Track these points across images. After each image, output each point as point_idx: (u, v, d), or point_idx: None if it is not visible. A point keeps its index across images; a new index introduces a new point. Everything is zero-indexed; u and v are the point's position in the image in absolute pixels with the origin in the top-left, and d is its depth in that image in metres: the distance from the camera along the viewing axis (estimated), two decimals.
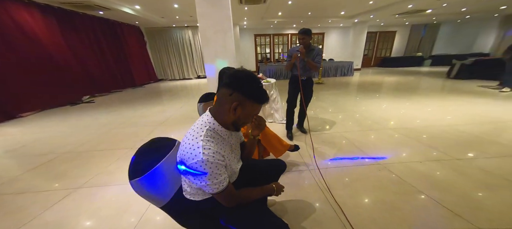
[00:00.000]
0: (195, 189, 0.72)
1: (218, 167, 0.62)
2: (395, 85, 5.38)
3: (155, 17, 6.56)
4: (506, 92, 3.91)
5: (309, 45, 2.04)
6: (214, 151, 0.62)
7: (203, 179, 0.62)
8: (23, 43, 3.78)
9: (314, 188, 1.46)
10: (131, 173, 0.67)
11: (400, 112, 3.08)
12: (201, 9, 2.43)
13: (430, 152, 1.86)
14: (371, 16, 7.23)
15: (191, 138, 0.64)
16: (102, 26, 5.90)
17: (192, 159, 0.60)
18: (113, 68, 6.25)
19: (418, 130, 2.37)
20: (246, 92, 0.64)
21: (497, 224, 1.06)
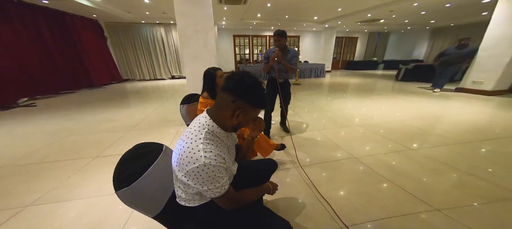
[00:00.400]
0: (191, 195, 0.69)
1: (220, 171, 0.61)
2: (358, 86, 6.07)
3: (120, 12, 5.84)
4: (436, 92, 4.82)
5: (285, 47, 2.06)
6: (215, 154, 0.60)
7: (204, 184, 0.59)
8: None
9: (302, 185, 1.54)
10: (116, 183, 0.62)
11: (362, 110, 3.49)
12: (180, 7, 2.28)
13: (389, 145, 2.17)
14: (339, 22, 8.00)
15: (189, 141, 0.61)
16: (47, 18, 4.94)
17: (193, 163, 0.57)
18: (61, 66, 5.31)
19: (378, 126, 2.73)
20: (250, 100, 0.65)
21: (447, 204, 1.30)
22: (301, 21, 8.12)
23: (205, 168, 0.57)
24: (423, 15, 6.83)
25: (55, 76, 5.13)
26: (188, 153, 0.58)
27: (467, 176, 1.58)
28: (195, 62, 2.50)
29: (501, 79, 4.00)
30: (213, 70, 1.49)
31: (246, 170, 0.97)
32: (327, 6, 5.72)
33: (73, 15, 5.70)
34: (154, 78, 8.36)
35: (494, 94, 4.15)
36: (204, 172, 0.58)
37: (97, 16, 6.35)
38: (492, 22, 3.98)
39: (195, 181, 0.59)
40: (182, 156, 0.59)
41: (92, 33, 6.45)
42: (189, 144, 0.60)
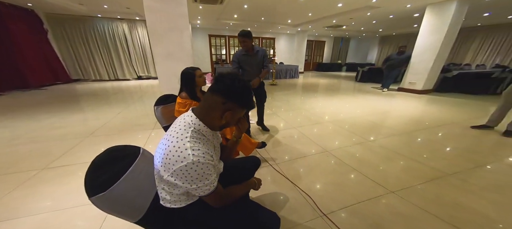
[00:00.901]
0: (177, 196, 0.68)
1: (208, 168, 0.61)
2: (326, 86, 6.69)
3: (68, 3, 4.97)
4: (385, 91, 5.73)
5: (253, 47, 2.04)
6: (203, 152, 0.60)
7: (194, 182, 0.59)
8: None
9: (283, 180, 1.64)
10: (89, 189, 0.58)
11: (331, 108, 3.89)
12: (149, 2, 2.09)
13: (353, 138, 2.49)
14: (309, 26, 8.63)
15: (175, 140, 0.60)
16: None
17: (180, 162, 0.57)
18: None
19: (343, 121, 3.09)
20: (240, 102, 0.68)
21: (399, 186, 1.57)
22: (276, 24, 8.42)
23: (194, 166, 0.57)
24: (374, 24, 7.99)
25: None
26: (175, 152, 0.57)
27: (410, 161, 1.95)
28: (169, 61, 2.34)
29: (428, 81, 5.03)
30: (192, 70, 1.44)
31: (232, 168, 1.00)
32: (299, 10, 6.10)
33: (2, 3, 4.56)
34: (115, 78, 7.38)
35: (423, 93, 5.19)
36: (193, 170, 0.57)
37: (33, 5, 5.24)
38: (420, 33, 4.98)
39: (183, 180, 0.58)
40: (168, 156, 0.58)
41: (26, 26, 5.29)
42: (175, 143, 0.59)
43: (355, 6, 5.32)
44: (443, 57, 4.86)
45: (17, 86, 5.07)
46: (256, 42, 10.93)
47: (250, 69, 2.08)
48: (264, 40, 11.10)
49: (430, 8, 4.70)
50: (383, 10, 5.58)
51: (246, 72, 2.11)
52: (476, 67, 6.82)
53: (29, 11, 5.45)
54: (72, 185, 1.56)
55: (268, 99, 4.46)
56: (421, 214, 1.29)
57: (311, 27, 8.71)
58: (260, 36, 10.82)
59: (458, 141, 2.39)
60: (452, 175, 1.70)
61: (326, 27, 8.70)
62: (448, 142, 2.37)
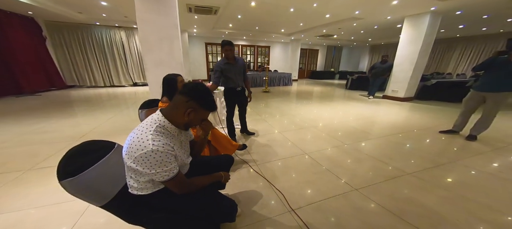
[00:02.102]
0: (143, 183, 0.77)
1: (167, 156, 0.71)
2: (318, 94, 6.94)
3: (67, 11, 5.17)
4: (370, 99, 5.99)
5: (234, 57, 2.17)
6: (163, 143, 0.71)
7: (153, 168, 0.69)
8: None
9: (260, 179, 1.77)
10: (61, 173, 0.65)
11: (318, 114, 4.08)
12: (142, 14, 2.28)
13: (332, 141, 2.65)
14: (302, 35, 9.00)
15: (139, 133, 0.71)
16: None
17: (141, 150, 0.67)
18: None
19: (327, 126, 3.27)
20: (201, 102, 0.80)
21: (362, 184, 1.73)
22: (270, 33, 8.78)
23: (153, 154, 0.67)
24: (362, 33, 8.39)
25: None
26: (138, 142, 0.68)
27: (378, 162, 2.12)
28: (159, 69, 2.50)
29: (409, 89, 5.32)
30: (174, 76, 1.57)
31: (206, 164, 1.15)
32: (290, 20, 6.44)
33: (3, 11, 4.74)
34: (110, 85, 7.50)
35: (406, 100, 5.46)
36: (152, 157, 0.67)
37: (33, 13, 5.42)
38: (400, 44, 5.31)
39: (144, 165, 0.68)
40: (131, 145, 0.69)
41: (25, 33, 5.45)
42: (139, 136, 0.70)
43: (341, 17, 5.66)
44: (421, 66, 5.16)
45: (11, 92, 5.15)
46: (251, 50, 11.28)
47: (233, 77, 2.23)
48: (259, 48, 11.45)
49: (408, 20, 5.05)
50: (367, 21, 5.93)
51: (230, 80, 2.23)
52: (456, 77, 7.18)
53: (29, 19, 5.62)
54: (54, 184, 1.65)
55: (260, 105, 4.76)
56: (376, 209, 1.44)
57: (304, 36, 9.10)
58: (255, 45, 11.17)
59: (425, 144, 2.58)
60: (411, 174, 1.87)
61: (318, 36, 9.10)
62: (416, 145, 2.56)
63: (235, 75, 2.23)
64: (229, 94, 2.34)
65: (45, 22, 6.08)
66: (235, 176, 1.81)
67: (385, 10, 4.79)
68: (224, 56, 2.17)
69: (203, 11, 4.72)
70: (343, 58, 14.32)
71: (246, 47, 11.07)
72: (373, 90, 6.09)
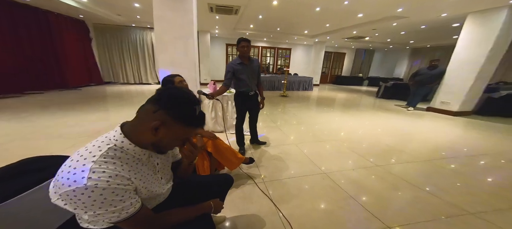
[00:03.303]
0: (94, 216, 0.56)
1: (116, 193, 0.51)
2: (343, 101, 6.29)
3: (109, 14, 5.76)
4: (410, 110, 5.10)
5: (249, 57, 2.00)
6: (110, 175, 0.50)
7: (90, 208, 0.49)
8: None
9: (266, 201, 1.50)
10: None
11: (342, 125, 3.59)
12: (158, 11, 2.28)
13: (359, 160, 2.22)
14: (328, 38, 8.40)
15: (77, 158, 0.51)
16: (26, 15, 4.78)
17: (68, 186, 0.46)
18: (33, 66, 5.08)
19: (352, 141, 2.80)
20: (173, 113, 0.55)
21: (398, 221, 1.32)
22: (292, 34, 8.44)
23: (87, 192, 0.47)
24: (402, 35, 7.34)
25: (24, 75, 4.86)
26: (67, 173, 0.48)
27: (423, 193, 1.64)
28: (172, 68, 2.47)
29: (466, 101, 4.30)
30: (171, 77, 1.44)
31: (196, 185, 0.93)
32: (316, 21, 6.01)
33: (58, 14, 5.54)
34: (139, 82, 8.16)
35: (459, 115, 4.45)
36: (86, 196, 0.47)
37: (84, 17, 6.22)
38: (458, 45, 4.32)
39: (74, 206, 0.49)
40: (59, 175, 0.49)
41: (75, 34, 6.26)
42: (74, 162, 0.50)
43: (378, 16, 4.99)
44: (486, 74, 4.13)
45: (59, 86, 5.92)
46: (272, 52, 11.05)
47: (246, 79, 2.03)
48: (280, 50, 11.14)
49: (472, 17, 4.07)
50: (412, 20, 5.09)
51: (242, 82, 2.03)
52: None
53: (80, 22, 6.47)
54: None
55: (276, 111, 4.47)
56: None
57: (329, 38, 8.48)
58: (276, 46, 10.89)
59: (495, 175, 1.94)
60: (475, 215, 1.37)
61: (346, 38, 8.36)
62: (480, 175, 1.95)
63: (248, 77, 2.02)
64: (241, 98, 2.12)
65: (93, 24, 6.95)
66: (236, 193, 1.58)
67: (439, 6, 3.97)
68: (238, 56, 2.00)
69: (224, 10, 4.69)
70: (374, 63, 12.96)
71: (266, 48, 10.87)
72: (415, 100, 5.19)
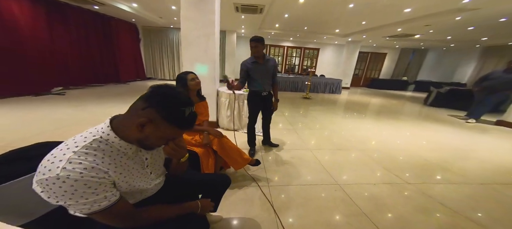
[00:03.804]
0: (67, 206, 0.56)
1: (88, 185, 0.50)
2: (378, 107, 5.56)
3: (153, 17, 6.58)
4: (470, 123, 4.11)
5: (264, 55, 1.93)
6: (85, 166, 0.50)
7: (61, 198, 0.49)
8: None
9: (267, 207, 1.44)
10: None
11: (371, 134, 3.16)
12: (185, 12, 2.44)
13: (385, 175, 1.92)
14: (363, 36, 7.53)
15: (62, 147, 0.52)
16: (95, 20, 5.86)
17: (43, 174, 0.48)
18: (96, 62, 6.15)
19: (381, 152, 2.43)
20: (161, 111, 0.56)
21: None
22: (321, 34, 7.93)
23: (58, 182, 0.47)
24: (470, 31, 5.87)
25: (88, 71, 5.96)
26: (47, 160, 0.50)
27: (465, 222, 1.31)
28: (194, 66, 2.63)
29: None
30: (185, 74, 1.49)
31: (189, 182, 0.93)
32: (348, 19, 5.48)
33: (117, 19, 6.66)
34: (173, 78, 9.08)
35: None
36: (56, 186, 0.47)
37: (135, 20, 7.29)
38: None
39: (48, 193, 0.49)
40: (41, 162, 0.50)
41: (128, 35, 7.40)
42: (58, 151, 0.51)
43: (434, 9, 4.13)
44: None
45: (113, 80, 7.09)
46: (297, 52, 10.63)
47: (259, 78, 1.98)
48: (307, 51, 10.59)
49: None
50: (485, 11, 3.98)
51: (255, 81, 1.99)
52: None
53: (132, 25, 7.62)
54: None
55: (295, 113, 4.28)
56: None
57: (366, 37, 7.59)
58: (303, 46, 10.41)
59: None
60: None
61: (388, 37, 7.34)
62: None
63: (261, 77, 1.97)
64: (253, 98, 2.08)
65: (142, 27, 8.09)
66: (238, 195, 1.55)
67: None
68: (252, 54, 1.97)
69: (249, 10, 4.73)
70: (426, 65, 10.99)
71: (292, 48, 10.51)
72: (480, 111, 4.17)
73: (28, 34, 4.15)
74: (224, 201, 1.39)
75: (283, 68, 10.71)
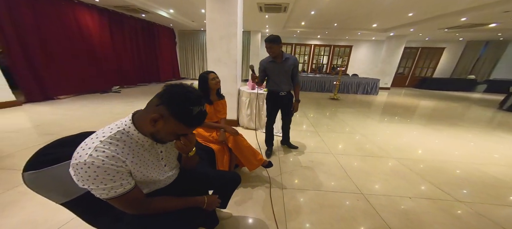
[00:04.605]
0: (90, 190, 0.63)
1: (108, 173, 0.57)
2: (429, 111, 4.73)
3: (187, 21, 7.29)
4: None
5: (282, 54, 1.86)
6: (107, 155, 0.58)
7: (85, 182, 0.56)
8: (78, 38, 4.64)
9: (277, 209, 1.41)
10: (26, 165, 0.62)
11: (430, 143, 2.71)
12: (210, 14, 2.60)
13: (428, 189, 1.64)
14: (411, 30, 6.53)
15: (93, 136, 0.61)
16: (143, 27, 6.87)
17: (75, 159, 0.56)
18: (143, 64, 7.18)
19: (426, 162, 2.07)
20: (172, 109, 0.61)
21: None
22: (354, 29, 7.24)
23: (84, 167, 0.55)
24: None
25: (138, 71, 7.02)
26: (80, 147, 0.58)
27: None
28: (217, 66, 2.79)
29: None
30: (206, 74, 1.58)
31: (198, 177, 0.96)
32: (390, 11, 4.84)
33: (159, 25, 7.66)
34: None
35: None
36: (83, 171, 0.55)
37: (173, 25, 8.22)
38: None
39: (77, 177, 0.57)
40: (77, 149, 0.58)
41: (167, 39, 8.41)
42: (90, 139, 0.60)
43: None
44: None
45: (155, 80, 8.15)
46: (326, 50, 9.97)
47: (277, 78, 1.95)
48: (337, 48, 9.80)
49: None
50: None
51: (272, 81, 1.97)
52: None
53: (170, 29, 8.63)
54: None
55: (321, 115, 4.06)
56: None
57: (415, 30, 6.52)
58: (332, 44, 9.69)
59: None
60: None
61: (446, 28, 6.15)
62: None
63: (278, 76, 1.93)
64: (271, 98, 2.06)
65: (178, 31, 9.07)
66: (249, 194, 1.57)
67: None
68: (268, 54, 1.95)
69: (273, 9, 4.69)
70: (505, 60, 8.71)
71: (319, 47, 9.92)
72: None
73: (97, 41, 5.17)
74: (234, 199, 1.46)
75: (310, 67, 10.28)
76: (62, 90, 4.48)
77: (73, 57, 4.58)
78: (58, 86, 4.34)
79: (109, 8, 5.31)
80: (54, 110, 3.52)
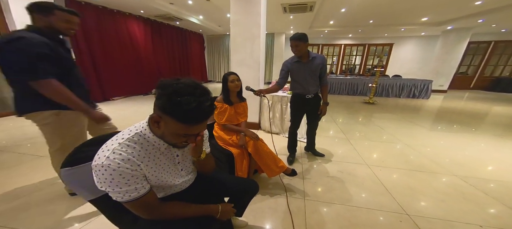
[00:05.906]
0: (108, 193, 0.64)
1: (123, 176, 0.57)
2: (508, 120, 3.82)
3: (214, 26, 7.78)
4: None
5: (309, 54, 1.76)
6: (123, 158, 0.58)
7: (103, 183, 0.57)
8: (129, 46, 5.47)
9: (297, 222, 1.31)
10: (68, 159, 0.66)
11: (505, 158, 2.21)
12: (235, 16, 2.68)
13: (508, 215, 1.29)
14: (480, 21, 5.46)
15: (112, 138, 0.62)
16: (176, 33, 7.63)
17: (95, 161, 0.57)
18: (176, 68, 7.94)
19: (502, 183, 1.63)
20: (169, 108, 0.57)
21: None
22: (397, 25, 6.46)
23: (102, 169, 0.56)
24: None
25: (173, 75, 7.78)
26: (101, 149, 0.59)
27: None
28: (240, 68, 2.84)
29: None
30: (227, 75, 1.58)
31: (214, 183, 0.94)
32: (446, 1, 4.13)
33: (190, 31, 8.41)
34: None
35: None
36: (100, 173, 0.56)
37: (202, 31, 8.90)
38: None
39: (97, 178, 0.58)
40: (99, 150, 0.59)
41: (197, 44, 9.16)
42: (110, 141, 0.60)
43: None
44: None
45: None
46: (359, 50, 9.13)
47: (303, 80, 1.80)
48: (372, 47, 8.86)
49: None
50: None
51: (297, 84, 1.86)
52: None
53: (200, 35, 9.38)
54: None
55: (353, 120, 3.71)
56: None
57: (485, 20, 5.37)
58: (366, 43, 8.83)
59: None
60: None
61: None
62: None
63: (303, 78, 1.81)
64: (295, 101, 1.96)
65: (206, 36, 9.75)
66: (268, 203, 1.49)
67: None
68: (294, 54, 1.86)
69: (297, 9, 4.53)
70: None
71: (350, 46, 9.18)
72: None
73: (142, 48, 5.98)
74: (251, 207, 1.40)
75: (339, 69, 9.64)
76: (116, 92, 5.35)
77: (125, 63, 5.41)
78: (113, 89, 5.22)
79: (151, 17, 6.09)
80: (109, 109, 4.14)
